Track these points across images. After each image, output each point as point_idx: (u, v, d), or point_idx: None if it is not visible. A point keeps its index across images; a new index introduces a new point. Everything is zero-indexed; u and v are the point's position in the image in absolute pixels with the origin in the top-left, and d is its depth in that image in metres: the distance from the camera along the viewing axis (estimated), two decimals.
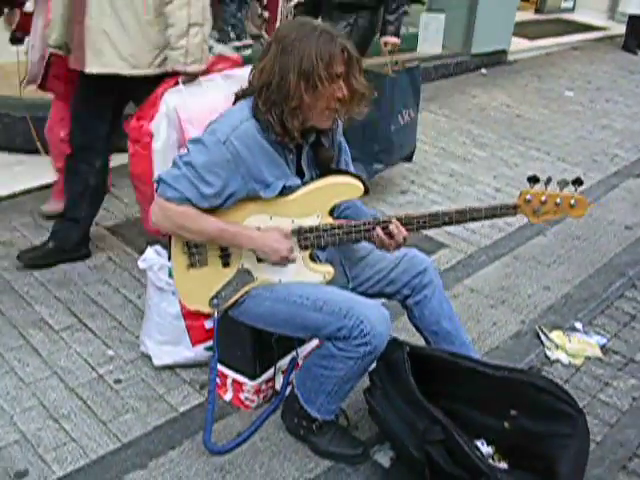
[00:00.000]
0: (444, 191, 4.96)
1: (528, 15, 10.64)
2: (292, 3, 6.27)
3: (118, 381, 2.97)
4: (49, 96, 5.01)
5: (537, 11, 11.01)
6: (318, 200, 2.47)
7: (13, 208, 4.27)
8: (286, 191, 2.43)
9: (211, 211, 2.40)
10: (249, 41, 6.13)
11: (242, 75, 3.33)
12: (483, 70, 7.93)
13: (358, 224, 2.47)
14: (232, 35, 6.02)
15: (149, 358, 3.04)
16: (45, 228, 4.02)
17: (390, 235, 2.46)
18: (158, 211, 2.39)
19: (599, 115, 6.92)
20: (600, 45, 9.87)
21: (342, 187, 2.48)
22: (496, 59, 8.16)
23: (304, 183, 2.48)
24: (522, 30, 9.33)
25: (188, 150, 2.36)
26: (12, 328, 3.24)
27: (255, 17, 6.25)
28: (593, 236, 4.49)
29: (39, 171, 4.65)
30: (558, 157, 5.75)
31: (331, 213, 2.49)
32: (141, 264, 3.03)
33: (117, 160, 4.84)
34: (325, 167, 2.53)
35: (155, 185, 2.40)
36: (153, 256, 2.95)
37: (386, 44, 4.59)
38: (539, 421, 2.45)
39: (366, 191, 2.48)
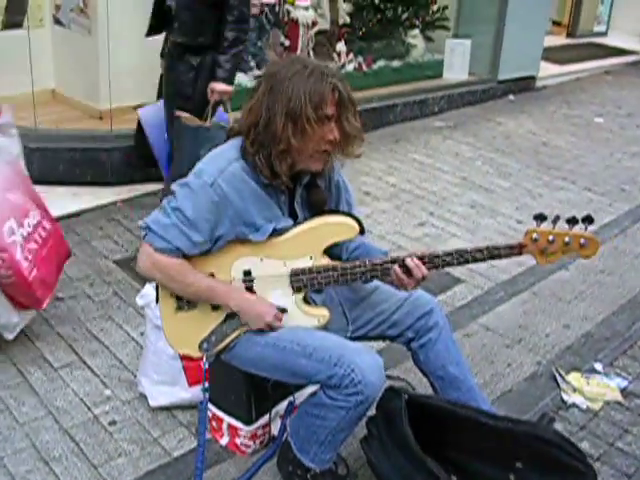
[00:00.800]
0: (464, 223, 4.82)
1: (559, 40, 10.49)
2: (313, 31, 6.25)
3: (113, 422, 2.88)
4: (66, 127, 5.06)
5: (569, 35, 10.84)
6: (311, 241, 2.37)
7: None
8: (277, 233, 2.34)
9: (201, 254, 2.32)
10: None
11: (6, 121, 3.25)
12: (511, 96, 7.79)
13: (354, 265, 2.36)
14: (252, 64, 5.98)
15: (146, 398, 2.95)
16: None
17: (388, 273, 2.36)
18: (146, 260, 2.32)
19: (629, 142, 6.74)
20: (633, 70, 9.67)
21: (335, 227, 2.38)
22: (524, 85, 8.02)
23: (297, 224, 2.38)
24: (553, 55, 9.19)
25: (174, 194, 2.28)
26: (11, 365, 3.17)
27: (276, 45, 6.21)
28: (618, 270, 4.32)
29: (52, 203, 4.59)
30: (584, 187, 5.59)
31: (326, 253, 2.39)
32: (139, 301, 2.96)
33: (131, 192, 4.87)
34: (317, 209, 2.42)
35: (142, 232, 2.33)
36: (152, 292, 2.87)
37: (212, 92, 3.80)
38: (546, 475, 2.31)
39: (361, 231, 2.38)
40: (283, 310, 2.39)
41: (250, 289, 2.40)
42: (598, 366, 3.39)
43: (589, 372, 3.34)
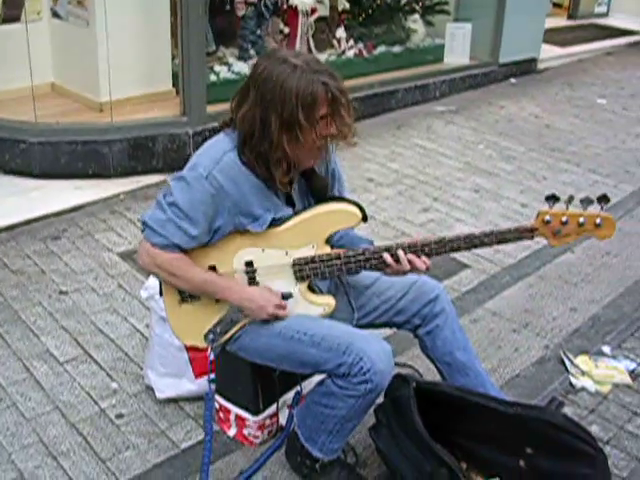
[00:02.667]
0: (468, 208, 4.79)
1: (560, 21, 10.43)
2: (312, 18, 6.21)
3: (120, 416, 2.87)
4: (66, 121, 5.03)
5: (570, 17, 10.76)
6: (312, 229, 2.35)
7: (27, 235, 4.21)
8: (276, 223, 2.32)
9: (201, 247, 2.30)
10: None
11: None
12: (512, 80, 7.74)
13: (358, 253, 2.34)
14: (252, 52, 5.93)
15: (153, 391, 2.94)
16: (57, 255, 3.97)
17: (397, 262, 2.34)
18: (145, 256, 2.29)
19: (632, 123, 6.69)
20: (635, 50, 9.60)
21: (337, 215, 2.36)
22: (526, 68, 7.96)
23: (296, 213, 2.36)
24: (554, 37, 9.14)
25: (170, 189, 2.25)
26: (17, 360, 3.16)
27: (275, 33, 6.17)
28: (624, 252, 4.29)
29: (55, 197, 4.63)
30: (589, 168, 5.55)
31: (328, 242, 2.37)
32: (143, 293, 2.95)
33: (134, 184, 4.86)
34: (320, 196, 2.40)
35: (141, 227, 2.31)
36: (156, 284, 2.85)
37: None
38: (556, 460, 2.30)
39: (364, 218, 2.35)
40: (288, 296, 2.37)
41: (253, 280, 2.38)
42: (606, 349, 3.37)
43: (597, 355, 3.32)
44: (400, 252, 2.33)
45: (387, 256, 2.33)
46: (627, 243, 4.40)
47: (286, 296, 2.37)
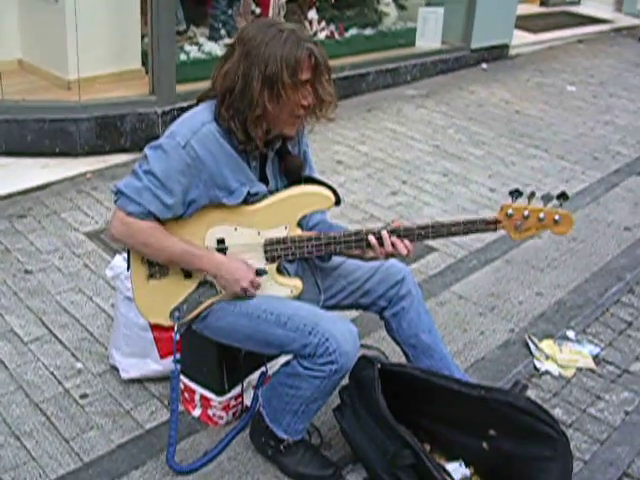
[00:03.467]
0: (436, 191, 4.81)
1: (533, 8, 10.48)
2: None
3: (84, 396, 2.85)
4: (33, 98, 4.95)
5: (542, 4, 10.82)
6: (286, 211, 2.34)
7: None
8: (251, 198, 2.30)
9: (174, 220, 2.28)
10: None
11: None
12: (483, 65, 7.76)
13: (328, 236, 2.34)
14: (223, 32, 5.89)
15: (118, 371, 2.92)
16: (22, 234, 3.92)
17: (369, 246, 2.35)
18: (119, 225, 2.26)
19: (601, 110, 6.75)
20: (605, 38, 9.68)
21: (311, 197, 2.35)
22: (497, 54, 7.99)
23: (270, 192, 2.35)
24: (526, 23, 9.19)
25: (147, 157, 2.23)
26: None
27: (247, 13, 6.13)
28: (590, 238, 4.34)
29: (21, 175, 4.57)
30: (557, 155, 5.59)
31: (300, 224, 2.36)
32: (108, 272, 2.92)
33: (101, 163, 4.81)
34: (294, 176, 2.39)
35: (114, 196, 2.28)
36: (121, 264, 2.83)
37: None
38: (518, 443, 2.32)
39: (337, 201, 2.35)
40: (263, 272, 2.35)
41: None
42: (570, 333, 3.41)
43: (562, 339, 3.35)
44: (384, 233, 2.33)
45: (372, 237, 2.33)
46: (593, 230, 4.44)
47: (260, 272, 2.35)
